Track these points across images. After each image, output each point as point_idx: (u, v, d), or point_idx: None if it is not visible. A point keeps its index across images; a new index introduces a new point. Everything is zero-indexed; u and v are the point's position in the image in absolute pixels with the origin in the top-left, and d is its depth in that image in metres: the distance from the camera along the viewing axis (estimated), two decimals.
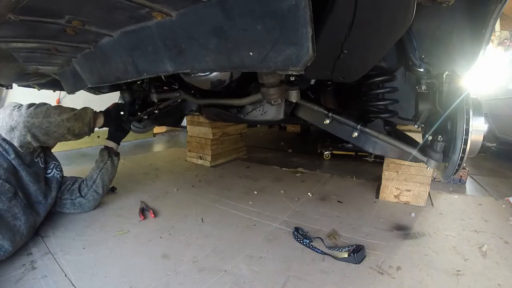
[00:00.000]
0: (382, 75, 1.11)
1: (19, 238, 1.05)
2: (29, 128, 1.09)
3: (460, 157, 0.85)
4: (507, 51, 4.63)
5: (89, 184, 1.41)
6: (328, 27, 0.63)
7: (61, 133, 1.17)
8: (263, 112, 1.49)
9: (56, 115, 1.16)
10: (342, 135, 1.24)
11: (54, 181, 1.33)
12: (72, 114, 1.22)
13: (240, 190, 1.81)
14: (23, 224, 1.08)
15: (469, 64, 0.91)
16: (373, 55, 0.76)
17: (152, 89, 1.67)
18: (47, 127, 1.12)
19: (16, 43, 0.79)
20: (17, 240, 1.05)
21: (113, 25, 0.69)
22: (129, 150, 2.96)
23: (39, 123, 1.11)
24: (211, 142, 2.34)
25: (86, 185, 1.41)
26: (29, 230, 1.12)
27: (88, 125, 1.29)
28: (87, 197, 1.39)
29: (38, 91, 1.88)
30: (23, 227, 1.08)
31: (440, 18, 0.88)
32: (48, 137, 1.14)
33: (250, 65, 0.56)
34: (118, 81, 0.86)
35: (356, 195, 1.75)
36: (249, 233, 1.27)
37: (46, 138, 1.13)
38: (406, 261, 1.07)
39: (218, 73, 1.06)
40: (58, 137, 1.19)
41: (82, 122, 1.26)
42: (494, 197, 1.76)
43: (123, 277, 0.95)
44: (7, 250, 0.99)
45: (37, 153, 1.28)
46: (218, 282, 0.94)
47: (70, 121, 1.20)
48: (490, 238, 1.25)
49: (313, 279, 0.96)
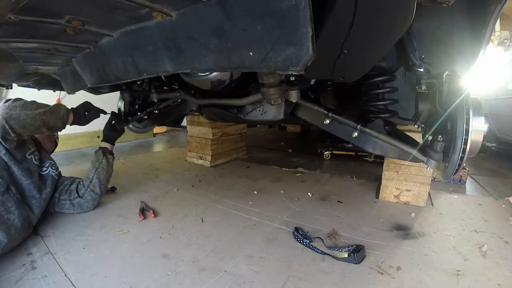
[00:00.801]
0: (382, 75, 1.11)
1: (14, 231, 1.07)
2: (7, 120, 1.12)
3: (460, 157, 0.85)
4: (507, 51, 4.63)
5: (86, 184, 1.42)
6: (328, 27, 0.63)
7: (36, 125, 1.21)
8: (263, 112, 1.49)
9: (33, 109, 1.20)
10: (342, 135, 1.24)
11: (49, 178, 1.36)
12: (47, 108, 1.26)
13: (240, 190, 1.81)
14: (17, 218, 1.10)
15: (469, 64, 0.91)
16: (373, 55, 0.76)
17: (152, 89, 1.67)
18: (24, 120, 1.15)
19: (16, 43, 0.79)
20: (12, 232, 1.06)
21: (113, 25, 0.70)
22: (129, 150, 2.96)
23: (17, 115, 1.14)
24: (211, 142, 2.34)
25: (83, 186, 1.42)
26: (24, 224, 1.13)
27: (61, 120, 1.34)
28: (84, 197, 1.40)
29: (38, 91, 1.88)
30: (17, 220, 1.10)
31: (440, 18, 0.88)
32: (24, 130, 1.18)
33: (250, 65, 0.56)
34: (118, 81, 0.86)
35: (356, 195, 1.75)
36: (249, 233, 1.27)
37: (22, 131, 1.17)
38: (406, 261, 1.07)
39: (218, 73, 1.06)
40: (34, 130, 1.23)
41: (56, 116, 1.30)
42: (494, 197, 1.76)
43: (123, 277, 0.95)
44: (2, 242, 1.02)
45: (30, 151, 1.32)
46: (218, 282, 0.94)
47: (45, 115, 1.24)
48: (490, 238, 1.25)
49: (313, 279, 0.96)
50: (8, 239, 1.04)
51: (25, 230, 1.15)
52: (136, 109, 1.98)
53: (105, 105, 1.63)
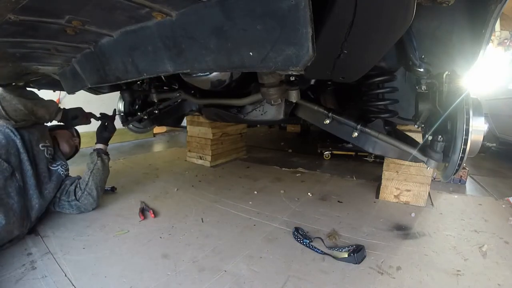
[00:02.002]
0: (382, 75, 1.11)
1: (12, 215, 1.11)
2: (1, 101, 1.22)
3: (460, 157, 0.85)
4: (507, 51, 4.63)
5: (83, 187, 1.43)
6: (328, 27, 0.63)
7: (26, 113, 1.29)
8: (263, 112, 1.48)
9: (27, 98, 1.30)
10: (342, 135, 1.23)
11: (55, 174, 1.41)
12: (39, 100, 1.37)
13: (240, 190, 1.81)
14: (16, 203, 1.15)
15: (469, 64, 0.91)
16: (373, 55, 0.76)
17: (152, 89, 1.67)
18: (15, 104, 1.25)
19: (16, 43, 0.79)
20: (11, 216, 1.10)
21: (113, 25, 0.69)
22: (129, 150, 2.96)
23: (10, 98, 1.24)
24: (211, 142, 2.34)
25: (80, 188, 1.43)
26: (22, 211, 1.17)
27: (49, 114, 1.43)
28: (81, 200, 1.41)
29: (38, 91, 1.87)
30: (16, 205, 1.15)
31: (440, 18, 0.88)
32: (15, 113, 1.26)
33: (250, 65, 0.56)
34: (118, 81, 0.85)
35: (356, 195, 1.75)
36: (249, 233, 1.27)
37: (13, 114, 1.26)
38: (406, 261, 1.07)
39: (218, 73, 1.06)
40: (23, 116, 1.30)
41: (45, 110, 1.39)
42: (494, 197, 1.76)
43: (123, 277, 0.95)
44: (0, 223, 1.05)
45: (44, 143, 1.40)
46: (218, 282, 0.94)
47: (36, 105, 1.33)
48: (490, 238, 1.25)
49: (313, 279, 0.96)
50: (6, 222, 1.07)
51: (23, 219, 1.17)
52: (136, 109, 1.98)
53: (104, 105, 1.64)
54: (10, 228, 1.09)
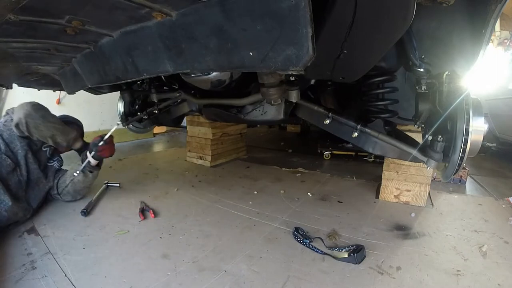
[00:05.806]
0: (382, 75, 1.11)
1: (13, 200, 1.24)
2: (26, 116, 1.29)
3: (460, 157, 0.85)
4: (507, 51, 4.63)
5: (62, 186, 1.50)
6: (328, 27, 0.63)
7: (46, 134, 1.38)
8: (263, 112, 1.48)
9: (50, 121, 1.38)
10: (342, 135, 1.23)
11: (51, 169, 1.53)
12: (61, 127, 1.44)
13: (240, 190, 1.81)
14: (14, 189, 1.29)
15: (469, 64, 0.91)
16: (373, 55, 0.76)
17: (152, 89, 1.67)
18: (38, 124, 1.33)
19: (16, 43, 0.79)
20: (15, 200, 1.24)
21: (113, 25, 0.70)
22: (129, 150, 2.96)
23: (35, 117, 1.32)
24: (211, 142, 2.34)
25: (61, 186, 1.51)
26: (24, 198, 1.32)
27: (67, 142, 1.49)
28: (62, 195, 1.51)
29: (38, 91, 1.88)
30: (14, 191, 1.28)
31: (440, 18, 0.88)
32: (35, 131, 1.34)
33: (250, 65, 0.56)
34: (118, 81, 0.86)
35: (356, 195, 1.75)
36: (249, 233, 1.27)
37: (33, 131, 1.33)
38: (406, 261, 1.07)
39: (218, 73, 1.06)
40: (42, 136, 1.38)
41: (64, 137, 1.46)
42: (494, 197, 1.76)
43: (123, 277, 0.95)
44: (7, 204, 1.20)
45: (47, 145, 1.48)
46: (218, 282, 0.94)
47: (57, 130, 1.41)
48: (490, 238, 1.25)
49: (313, 279, 0.96)
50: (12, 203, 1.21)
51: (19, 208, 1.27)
52: (136, 109, 1.98)
53: (104, 105, 1.63)
54: (15, 210, 1.23)
